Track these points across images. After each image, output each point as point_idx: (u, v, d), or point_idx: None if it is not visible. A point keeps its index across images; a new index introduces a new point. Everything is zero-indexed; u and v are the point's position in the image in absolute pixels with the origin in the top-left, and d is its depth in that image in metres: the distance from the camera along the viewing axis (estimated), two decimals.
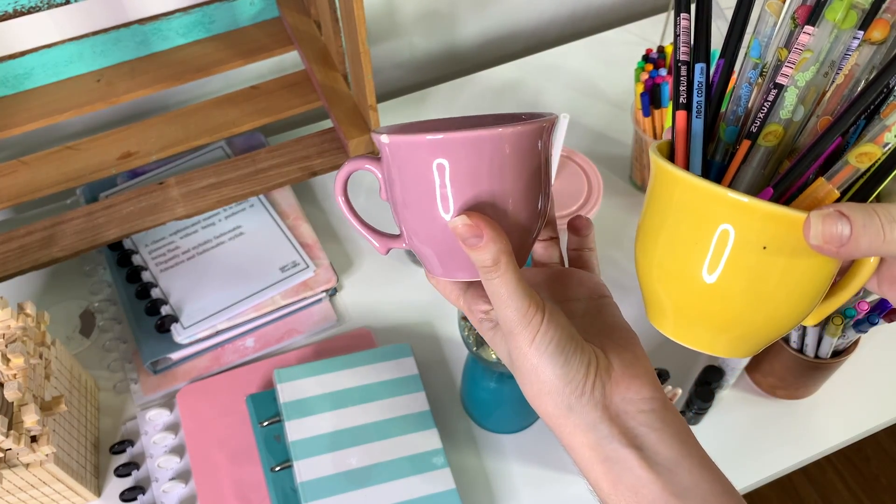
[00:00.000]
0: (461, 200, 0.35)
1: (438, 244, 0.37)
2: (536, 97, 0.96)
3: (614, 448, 0.35)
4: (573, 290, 0.41)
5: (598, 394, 0.35)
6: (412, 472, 0.66)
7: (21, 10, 0.64)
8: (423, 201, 0.36)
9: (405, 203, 0.37)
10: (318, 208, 0.86)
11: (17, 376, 0.58)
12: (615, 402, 0.36)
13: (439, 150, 0.35)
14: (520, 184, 0.36)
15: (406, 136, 0.35)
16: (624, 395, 0.36)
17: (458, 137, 0.34)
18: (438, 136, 0.34)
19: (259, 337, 0.77)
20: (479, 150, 0.35)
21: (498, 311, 0.35)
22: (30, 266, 0.71)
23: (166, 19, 0.79)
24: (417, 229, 0.38)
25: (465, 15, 0.99)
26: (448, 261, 0.38)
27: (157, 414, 0.71)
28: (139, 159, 0.77)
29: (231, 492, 0.67)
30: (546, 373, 0.35)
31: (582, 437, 0.35)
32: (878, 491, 1.47)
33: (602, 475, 0.35)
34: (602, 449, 0.35)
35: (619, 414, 0.35)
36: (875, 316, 0.60)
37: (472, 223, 0.35)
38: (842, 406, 0.73)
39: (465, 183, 0.35)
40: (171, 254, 0.79)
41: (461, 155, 0.35)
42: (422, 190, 0.36)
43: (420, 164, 0.35)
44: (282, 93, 0.82)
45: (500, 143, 0.35)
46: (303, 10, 0.84)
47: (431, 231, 0.37)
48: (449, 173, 0.35)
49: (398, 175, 0.37)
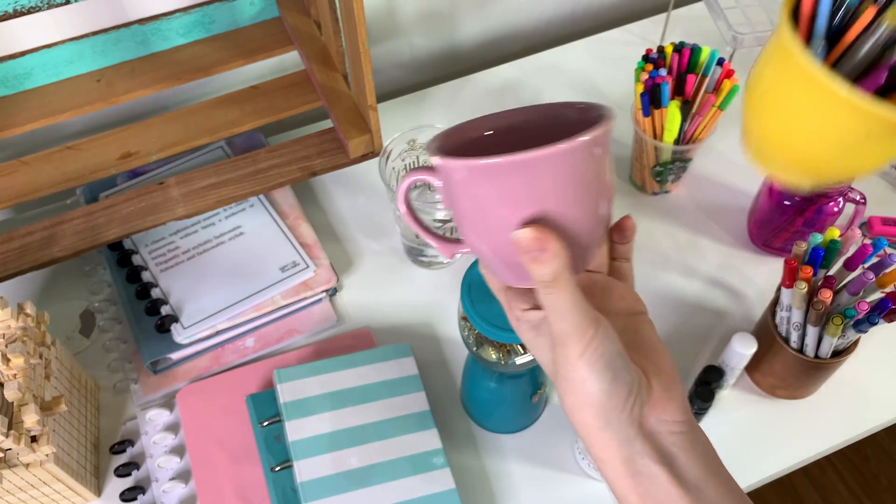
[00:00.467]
0: (521, 216, 0.35)
1: (499, 254, 0.37)
2: (536, 97, 0.96)
3: (646, 464, 0.36)
4: (614, 304, 0.41)
5: (637, 412, 0.36)
6: (412, 472, 0.66)
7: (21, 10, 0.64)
8: (482, 217, 0.36)
9: (465, 216, 0.37)
10: (318, 208, 0.86)
11: (17, 376, 0.58)
12: (650, 421, 0.37)
13: (493, 174, 0.34)
14: (580, 194, 0.35)
15: (459, 162, 0.35)
16: (659, 417, 0.37)
17: (512, 161, 0.33)
18: (492, 160, 0.33)
19: (259, 337, 0.77)
20: (536, 170, 0.34)
21: (552, 321, 0.36)
22: (30, 266, 0.71)
23: (166, 19, 0.79)
24: (479, 241, 0.38)
25: (465, 15, 0.99)
26: (506, 270, 0.38)
27: (157, 414, 0.71)
28: (139, 159, 0.77)
29: (231, 492, 0.67)
30: (592, 387, 0.36)
31: (616, 451, 0.36)
32: (877, 491, 1.47)
33: (631, 489, 0.36)
34: (634, 464, 0.36)
35: (652, 433, 0.37)
36: (875, 316, 0.60)
37: (537, 236, 0.34)
38: (842, 406, 0.73)
39: (523, 200, 0.35)
40: (172, 254, 0.79)
41: (517, 176, 0.34)
42: (480, 206, 0.36)
43: (476, 186, 0.35)
44: (282, 93, 0.82)
45: (557, 161, 0.34)
46: (303, 10, 0.84)
47: (492, 244, 0.37)
48: (507, 193, 0.34)
49: (456, 191, 0.36)
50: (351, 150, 0.76)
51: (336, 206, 0.86)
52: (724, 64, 0.77)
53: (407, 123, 0.77)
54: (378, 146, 0.77)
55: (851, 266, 0.62)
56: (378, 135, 0.76)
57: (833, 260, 0.62)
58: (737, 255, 0.83)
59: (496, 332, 0.57)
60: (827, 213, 0.75)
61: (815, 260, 0.62)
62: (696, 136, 0.79)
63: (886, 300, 0.60)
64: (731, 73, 0.77)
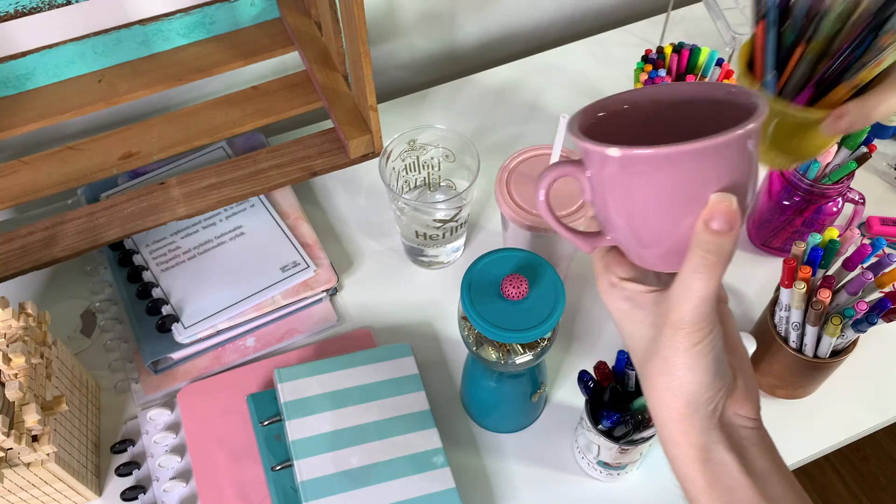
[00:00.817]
0: (703, 200, 0.35)
1: (656, 242, 0.37)
2: (536, 97, 0.97)
3: (719, 451, 0.38)
4: None
5: (721, 405, 0.38)
6: (412, 472, 0.66)
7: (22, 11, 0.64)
8: (651, 207, 0.36)
9: (626, 208, 0.37)
10: (318, 208, 0.86)
11: (18, 376, 0.59)
12: (728, 413, 0.39)
13: (679, 161, 0.34)
14: (752, 176, 0.36)
15: (642, 151, 0.34)
16: (736, 411, 0.39)
17: (704, 146, 0.33)
18: (677, 148, 0.33)
19: (259, 336, 0.77)
20: (722, 154, 0.34)
21: (676, 304, 0.36)
22: (31, 266, 0.71)
23: (167, 20, 0.79)
24: (641, 230, 0.37)
25: (465, 16, 1.00)
26: (657, 253, 0.38)
27: (158, 413, 0.72)
28: (140, 160, 0.77)
29: (232, 491, 0.67)
30: (696, 377, 0.37)
31: (694, 438, 0.38)
32: (876, 490, 1.47)
33: (699, 473, 0.38)
34: (708, 451, 0.38)
35: (728, 424, 0.39)
36: (874, 316, 0.60)
37: (735, 210, 0.34)
38: (841, 406, 0.73)
39: (706, 184, 0.34)
40: (172, 254, 0.79)
41: (699, 161, 0.34)
42: (654, 192, 0.35)
43: (656, 173, 0.35)
44: (282, 93, 0.82)
45: (740, 141, 0.34)
46: (303, 10, 0.84)
47: (656, 227, 0.37)
48: (684, 181, 0.34)
49: (622, 183, 0.36)
50: (351, 151, 0.76)
51: (336, 206, 0.87)
52: (723, 64, 0.77)
53: (407, 124, 0.78)
54: (378, 146, 0.77)
55: (850, 266, 0.62)
56: (378, 135, 0.76)
57: (832, 260, 0.63)
58: (736, 255, 0.82)
59: (496, 332, 0.57)
60: (826, 213, 0.75)
61: (813, 260, 0.62)
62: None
63: (885, 300, 0.60)
64: (731, 73, 0.77)
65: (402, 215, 0.76)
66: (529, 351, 0.61)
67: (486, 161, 0.82)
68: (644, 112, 0.41)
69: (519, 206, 0.70)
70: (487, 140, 0.92)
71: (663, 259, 0.38)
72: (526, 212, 0.70)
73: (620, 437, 0.61)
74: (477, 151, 0.74)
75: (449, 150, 0.77)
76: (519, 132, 0.93)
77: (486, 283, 0.59)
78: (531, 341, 0.59)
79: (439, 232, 0.76)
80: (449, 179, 0.80)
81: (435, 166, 0.79)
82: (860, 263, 0.62)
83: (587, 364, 0.72)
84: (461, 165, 0.78)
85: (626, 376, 0.62)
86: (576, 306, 0.79)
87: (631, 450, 0.62)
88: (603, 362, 0.62)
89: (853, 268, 0.62)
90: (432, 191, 0.81)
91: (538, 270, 0.60)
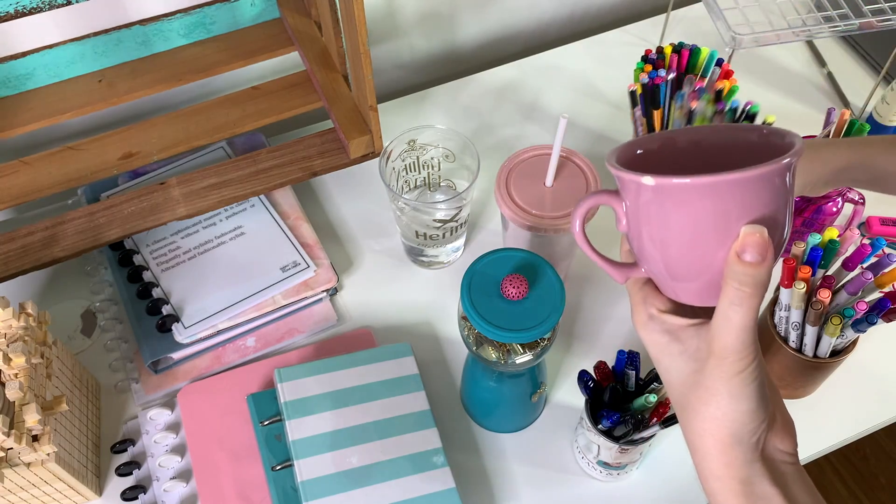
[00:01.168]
0: (737, 230, 0.35)
1: (691, 275, 0.38)
2: (536, 98, 0.97)
3: (763, 485, 0.38)
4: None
5: (763, 438, 0.38)
6: (412, 471, 0.66)
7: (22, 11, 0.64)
8: (686, 237, 0.36)
9: (661, 239, 0.37)
10: (318, 208, 0.87)
11: (18, 376, 0.59)
12: (769, 448, 0.39)
13: (714, 192, 0.34)
14: (781, 212, 0.36)
15: (676, 181, 0.35)
16: (776, 446, 0.39)
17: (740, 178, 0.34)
18: (716, 178, 0.34)
19: (260, 336, 0.77)
20: (757, 186, 0.34)
21: (718, 334, 0.36)
22: (31, 266, 0.71)
23: (167, 20, 0.79)
24: (675, 262, 0.38)
25: (465, 16, 1.00)
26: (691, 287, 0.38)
27: (158, 413, 0.72)
28: (140, 160, 0.77)
29: (232, 491, 0.67)
30: (741, 404, 0.37)
31: (737, 470, 0.38)
32: (876, 490, 1.47)
33: None
34: (752, 485, 0.38)
35: (770, 458, 0.39)
36: (874, 315, 0.60)
37: (766, 241, 0.35)
38: (840, 405, 0.73)
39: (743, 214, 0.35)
40: (173, 254, 0.79)
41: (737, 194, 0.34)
42: (688, 226, 0.36)
43: (695, 202, 0.35)
44: (282, 93, 0.82)
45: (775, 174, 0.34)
46: (303, 11, 0.84)
47: (689, 265, 0.37)
48: (719, 212, 0.35)
49: (657, 212, 0.37)
50: (351, 151, 0.76)
51: (336, 207, 0.87)
52: (723, 64, 0.77)
53: (407, 124, 0.78)
54: (378, 146, 0.77)
55: (850, 266, 0.62)
56: (378, 135, 0.76)
57: (832, 260, 0.63)
58: None
59: (496, 332, 0.57)
60: (825, 213, 0.75)
61: (813, 260, 0.62)
62: None
63: (885, 300, 0.60)
64: (730, 73, 0.77)
65: (402, 215, 0.76)
66: (529, 351, 0.61)
67: (486, 161, 0.82)
68: (680, 151, 0.42)
69: (519, 206, 0.70)
70: (487, 140, 0.92)
71: (699, 294, 0.38)
72: (526, 212, 0.70)
73: (620, 437, 0.61)
74: (477, 151, 0.74)
75: (449, 150, 0.77)
76: (519, 132, 0.93)
77: (486, 283, 0.59)
78: (531, 341, 0.59)
79: (439, 232, 0.76)
80: (449, 179, 0.80)
81: (435, 166, 0.79)
82: (860, 263, 0.62)
83: (587, 364, 0.72)
84: (461, 165, 0.78)
85: (626, 376, 0.62)
86: (576, 306, 0.79)
87: (631, 450, 0.62)
88: (603, 362, 0.62)
89: (853, 268, 0.62)
90: (432, 191, 0.81)
91: (538, 270, 0.60)
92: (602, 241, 0.82)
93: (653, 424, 0.59)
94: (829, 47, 1.02)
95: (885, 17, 0.81)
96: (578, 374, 0.62)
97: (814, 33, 0.83)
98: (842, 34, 0.85)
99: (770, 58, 1.01)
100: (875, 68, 0.99)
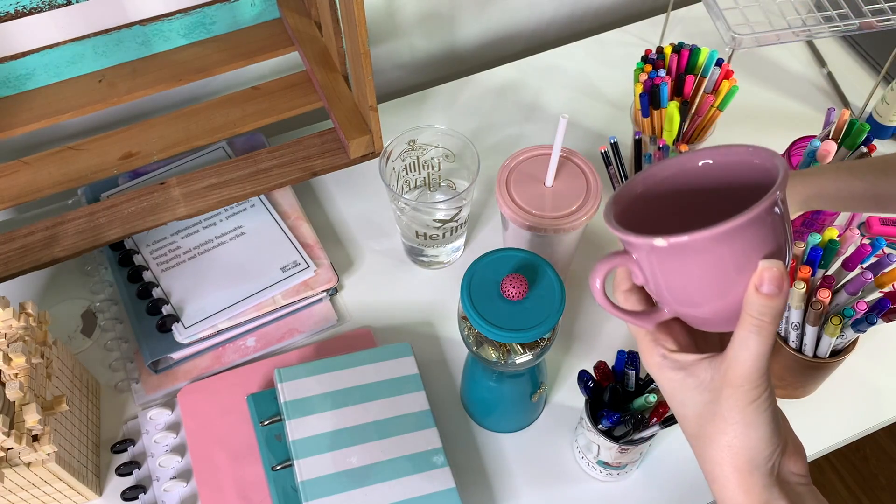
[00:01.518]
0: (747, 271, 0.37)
1: (714, 312, 0.39)
2: (536, 98, 0.97)
3: None
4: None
5: (777, 462, 0.40)
6: (412, 471, 0.66)
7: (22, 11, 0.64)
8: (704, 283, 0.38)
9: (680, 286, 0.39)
10: (318, 208, 0.87)
11: (18, 376, 0.59)
12: (783, 472, 0.40)
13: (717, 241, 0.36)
14: (783, 237, 0.37)
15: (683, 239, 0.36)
16: (790, 469, 0.40)
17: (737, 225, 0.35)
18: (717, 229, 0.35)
19: (260, 336, 0.77)
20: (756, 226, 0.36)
21: (735, 363, 0.38)
22: (31, 266, 0.72)
23: (167, 20, 0.79)
24: (696, 300, 0.39)
25: (465, 16, 1.00)
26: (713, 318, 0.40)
27: (159, 413, 0.72)
28: (140, 160, 0.77)
29: (232, 491, 0.67)
30: (756, 431, 0.38)
31: (756, 496, 0.39)
32: (876, 490, 1.47)
33: None
34: None
35: (785, 481, 0.40)
36: (874, 315, 0.60)
37: (782, 274, 0.36)
38: (840, 405, 0.73)
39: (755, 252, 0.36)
40: (173, 254, 0.79)
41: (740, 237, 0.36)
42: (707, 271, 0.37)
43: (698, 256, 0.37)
44: (282, 93, 0.82)
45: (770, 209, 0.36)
46: (303, 11, 0.84)
47: (711, 304, 0.39)
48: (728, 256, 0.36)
49: (671, 267, 0.38)
50: (351, 151, 0.76)
51: (336, 207, 0.87)
52: (722, 65, 0.77)
53: (407, 124, 0.78)
54: (378, 147, 0.77)
55: (850, 266, 0.62)
56: (378, 135, 0.76)
57: (832, 260, 0.63)
58: None
59: (496, 332, 0.57)
60: (825, 213, 0.75)
61: (813, 260, 0.62)
62: (695, 137, 0.80)
63: (885, 300, 0.60)
64: (730, 73, 0.77)
65: (402, 215, 0.76)
66: (529, 351, 0.61)
67: (486, 161, 0.82)
68: (668, 185, 0.43)
69: (519, 206, 0.70)
70: (487, 140, 0.92)
71: (728, 321, 0.39)
72: (526, 212, 0.70)
73: (620, 437, 0.61)
74: (477, 151, 0.74)
75: (449, 150, 0.77)
76: (519, 132, 0.94)
77: (486, 283, 0.59)
78: (531, 341, 0.59)
79: (439, 232, 0.76)
80: (449, 179, 0.81)
81: (435, 166, 0.79)
82: (860, 263, 0.62)
83: (587, 364, 0.72)
84: (461, 165, 0.78)
85: (626, 376, 0.62)
86: (576, 306, 0.79)
87: (631, 450, 0.63)
88: (603, 362, 0.62)
89: (853, 268, 0.62)
90: (432, 191, 0.81)
91: (538, 270, 0.60)
92: (602, 244, 0.83)
93: (653, 424, 0.59)
94: (829, 47, 1.02)
95: (885, 17, 0.81)
96: (578, 374, 0.62)
97: (814, 33, 0.83)
98: (842, 34, 0.85)
99: (770, 58, 1.01)
100: (875, 68, 0.99)
